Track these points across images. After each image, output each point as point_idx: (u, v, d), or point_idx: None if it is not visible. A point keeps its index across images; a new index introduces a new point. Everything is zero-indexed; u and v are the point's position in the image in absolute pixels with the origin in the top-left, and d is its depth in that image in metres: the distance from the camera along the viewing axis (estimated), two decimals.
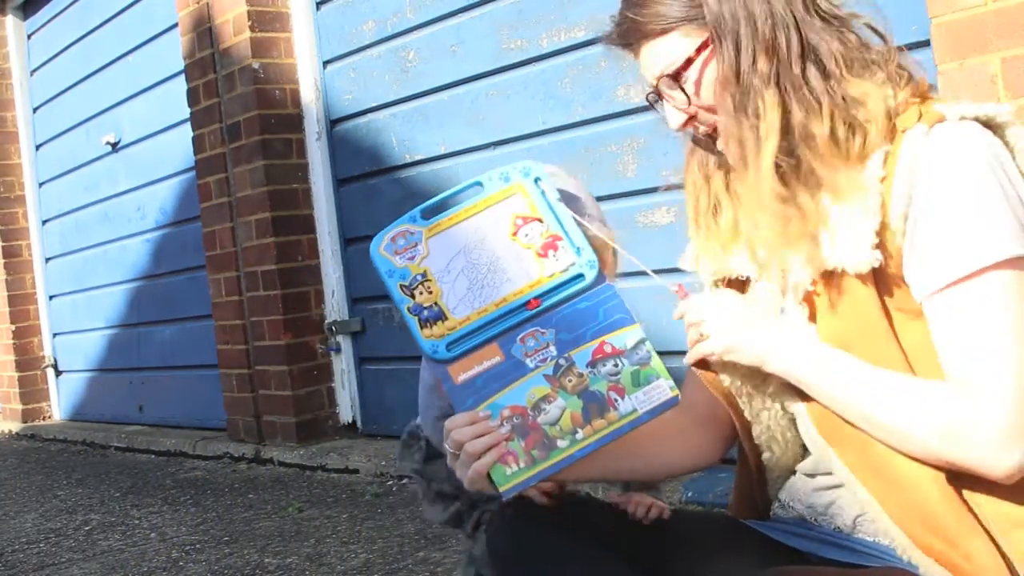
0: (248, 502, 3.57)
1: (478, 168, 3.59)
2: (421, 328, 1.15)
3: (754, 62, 1.12)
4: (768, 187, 1.11)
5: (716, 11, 1.14)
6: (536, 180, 1.20)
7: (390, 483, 3.52)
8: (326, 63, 4.19)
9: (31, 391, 6.33)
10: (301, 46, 4.23)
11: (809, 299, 1.15)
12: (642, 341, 1.14)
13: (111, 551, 3.11)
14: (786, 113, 1.11)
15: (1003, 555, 1.06)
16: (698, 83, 1.18)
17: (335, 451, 3.94)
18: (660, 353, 1.16)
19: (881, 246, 1.08)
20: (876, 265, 1.08)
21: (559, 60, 3.27)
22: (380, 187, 4.00)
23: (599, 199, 1.81)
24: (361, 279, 4.18)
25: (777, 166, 1.12)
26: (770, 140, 1.11)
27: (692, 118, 1.21)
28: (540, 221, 1.18)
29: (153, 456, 4.85)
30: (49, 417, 6.37)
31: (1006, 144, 1.09)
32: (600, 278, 1.16)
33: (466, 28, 3.57)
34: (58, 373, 6.35)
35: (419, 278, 1.16)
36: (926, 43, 2.17)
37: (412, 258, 1.17)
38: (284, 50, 4.22)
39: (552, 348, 1.14)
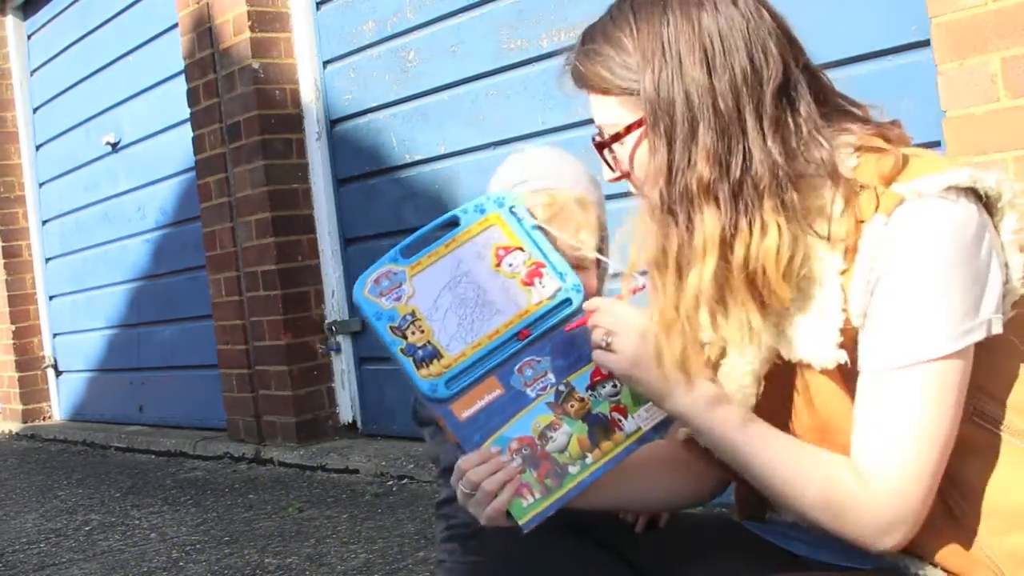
0: (248, 502, 3.57)
1: (478, 168, 3.59)
2: (417, 368, 1.13)
3: (690, 163, 1.04)
4: (691, 304, 1.04)
5: (652, 96, 1.05)
6: (511, 209, 1.20)
7: (390, 483, 3.52)
8: (326, 63, 4.19)
9: (31, 391, 6.33)
10: (301, 46, 4.23)
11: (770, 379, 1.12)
12: None
13: (111, 551, 3.11)
14: (725, 231, 1.03)
15: None
16: (630, 159, 1.12)
17: (335, 451, 3.94)
18: None
19: (845, 342, 1.05)
20: (842, 362, 1.05)
21: (559, 60, 3.27)
22: (380, 187, 4.00)
23: None
24: None
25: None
26: (707, 261, 1.03)
27: (625, 175, 1.16)
28: (521, 250, 1.18)
29: (153, 456, 4.85)
30: (49, 417, 6.37)
31: (985, 199, 1.04)
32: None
33: (466, 28, 3.57)
34: (58, 373, 6.35)
35: (408, 318, 1.15)
36: (926, 43, 2.17)
37: (398, 298, 1.16)
38: (284, 50, 4.22)
39: (550, 375, 1.15)
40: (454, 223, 1.20)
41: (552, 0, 3.26)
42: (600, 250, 1.41)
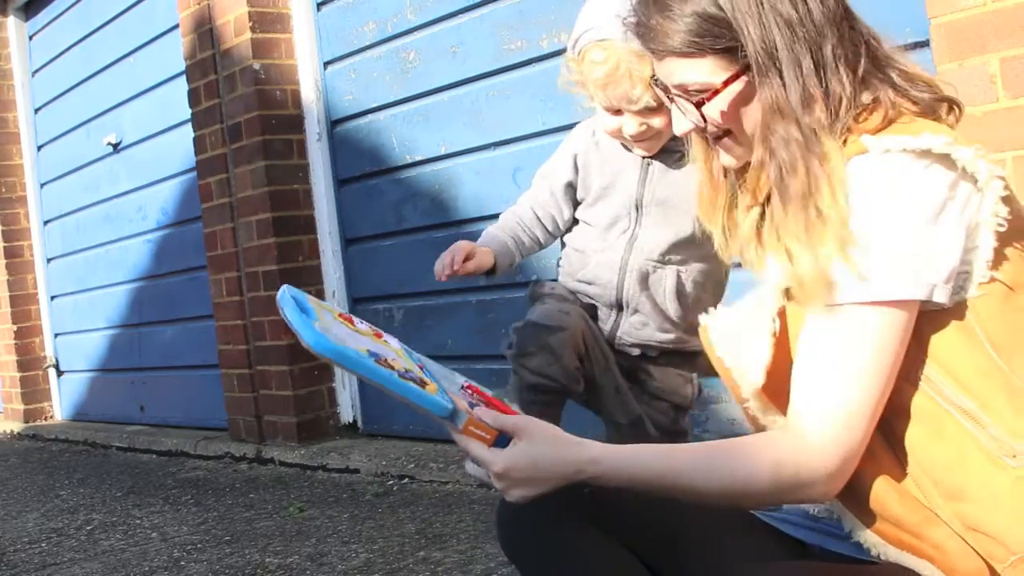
0: (249, 502, 3.58)
1: (478, 168, 3.60)
2: (423, 387, 1.16)
3: (808, 106, 1.08)
4: (834, 233, 1.08)
5: (759, 45, 1.09)
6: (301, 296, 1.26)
7: (391, 483, 3.53)
8: (327, 64, 4.20)
9: (33, 391, 6.34)
10: (302, 47, 4.24)
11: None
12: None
13: (112, 551, 3.12)
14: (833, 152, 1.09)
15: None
16: (724, 112, 1.14)
17: (336, 451, 3.94)
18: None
19: None
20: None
21: (559, 61, 3.26)
22: (380, 188, 4.01)
23: None
24: (362, 280, 4.19)
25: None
26: (842, 186, 1.07)
27: (700, 127, 1.18)
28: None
29: (154, 456, 4.86)
30: (51, 417, 6.38)
31: (967, 173, 1.06)
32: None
33: (466, 29, 3.58)
34: (60, 373, 6.36)
35: (374, 355, 1.17)
36: (925, 43, 2.18)
37: (350, 345, 1.16)
38: (285, 51, 4.23)
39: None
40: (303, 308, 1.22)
41: (552, 1, 3.26)
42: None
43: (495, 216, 1.95)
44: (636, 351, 1.77)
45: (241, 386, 4.44)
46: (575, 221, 1.81)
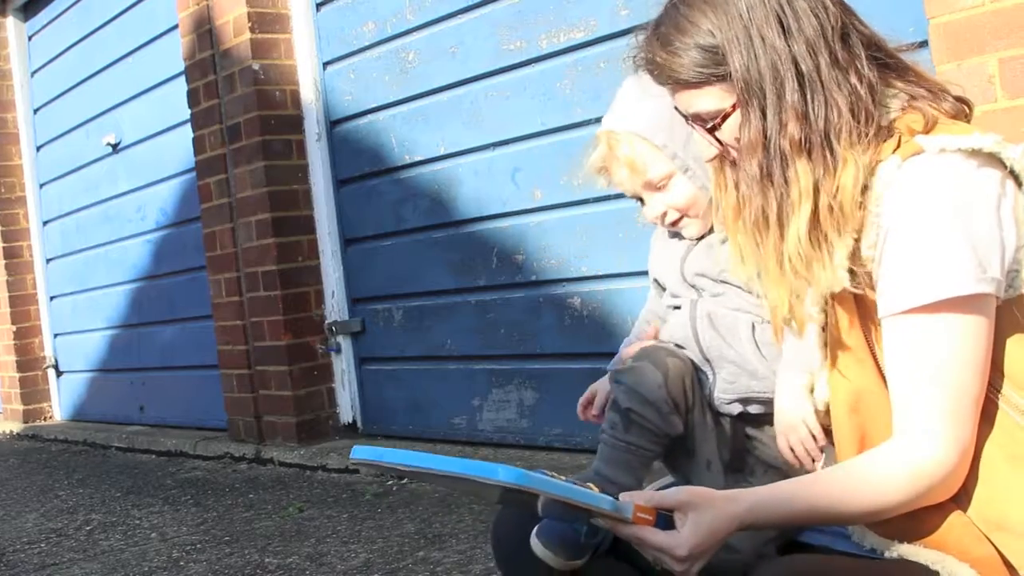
0: (248, 502, 3.58)
1: (478, 168, 3.60)
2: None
3: (782, 126, 1.11)
4: (795, 252, 1.10)
5: (744, 77, 1.12)
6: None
7: (390, 483, 3.53)
8: (326, 64, 4.20)
9: (32, 391, 6.34)
10: (301, 47, 4.24)
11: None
12: None
13: (112, 551, 3.12)
14: (818, 179, 1.11)
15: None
16: (735, 137, 1.17)
17: (335, 451, 3.95)
18: None
19: (855, 271, 1.10)
20: (847, 285, 1.10)
21: (558, 61, 3.28)
22: (380, 188, 4.01)
23: (596, 200, 1.80)
24: (361, 280, 4.19)
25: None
26: (804, 207, 1.10)
27: (725, 152, 1.20)
28: None
29: (154, 456, 4.86)
30: (50, 417, 6.38)
31: (1012, 171, 1.08)
32: None
33: (466, 29, 3.58)
34: (59, 373, 6.36)
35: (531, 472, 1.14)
36: (924, 43, 2.18)
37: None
38: (284, 51, 4.23)
39: None
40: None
41: (551, 1, 3.26)
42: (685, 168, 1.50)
43: (494, 216, 1.95)
44: (737, 408, 1.61)
45: (240, 386, 4.44)
46: None
